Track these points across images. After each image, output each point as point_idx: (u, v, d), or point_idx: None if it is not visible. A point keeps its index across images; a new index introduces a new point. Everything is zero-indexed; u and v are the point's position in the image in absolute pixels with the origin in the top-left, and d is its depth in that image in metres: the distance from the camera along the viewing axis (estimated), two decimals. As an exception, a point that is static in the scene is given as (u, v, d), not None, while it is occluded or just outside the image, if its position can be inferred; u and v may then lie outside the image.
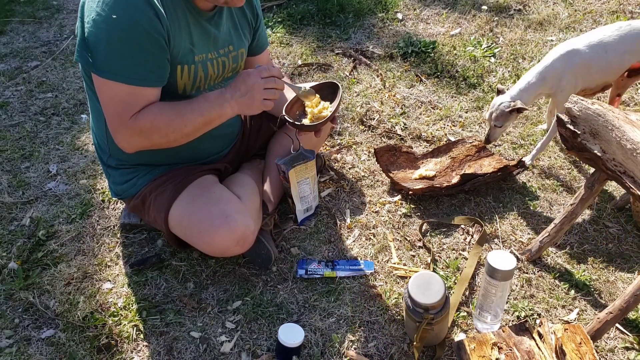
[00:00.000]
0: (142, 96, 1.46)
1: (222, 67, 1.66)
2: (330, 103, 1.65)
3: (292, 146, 1.67)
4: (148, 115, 1.47)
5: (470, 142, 2.19)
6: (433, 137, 2.36)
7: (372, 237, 1.90)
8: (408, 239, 1.89)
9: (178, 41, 1.49)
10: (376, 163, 2.15)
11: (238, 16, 1.69)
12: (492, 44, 2.94)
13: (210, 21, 1.58)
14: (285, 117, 1.61)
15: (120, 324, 1.63)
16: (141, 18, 1.36)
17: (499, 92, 1.98)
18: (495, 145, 2.30)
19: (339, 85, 1.65)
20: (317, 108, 1.63)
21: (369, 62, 2.86)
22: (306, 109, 1.65)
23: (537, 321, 1.47)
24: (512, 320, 1.61)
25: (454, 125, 2.42)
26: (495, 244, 1.86)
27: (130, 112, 1.45)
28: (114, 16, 1.34)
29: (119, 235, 1.93)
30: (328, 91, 1.69)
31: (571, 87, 1.94)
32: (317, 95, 1.66)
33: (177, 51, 1.49)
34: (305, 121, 1.62)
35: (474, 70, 2.74)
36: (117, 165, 1.73)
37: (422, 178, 2.09)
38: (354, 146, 2.32)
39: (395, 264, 1.80)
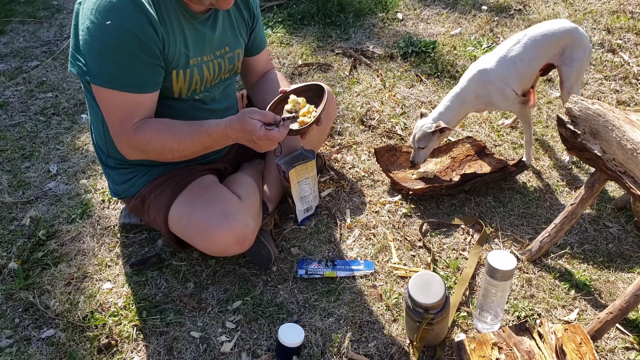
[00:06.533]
0: (138, 103, 1.47)
1: (218, 69, 1.66)
2: (316, 105, 1.60)
3: (274, 149, 1.57)
4: (146, 132, 1.47)
5: (470, 142, 2.19)
6: (433, 137, 2.36)
7: (372, 237, 1.90)
8: (408, 239, 1.89)
9: (173, 46, 1.49)
10: (376, 163, 2.15)
11: (235, 16, 1.69)
12: (492, 44, 2.94)
13: (204, 23, 1.57)
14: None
15: (120, 324, 1.63)
16: (133, 26, 1.37)
17: (422, 115, 2.04)
18: (495, 145, 2.30)
19: (325, 87, 1.62)
20: (302, 111, 1.57)
21: (369, 62, 2.86)
22: (286, 111, 1.59)
23: (537, 321, 1.47)
24: (512, 320, 1.61)
25: (454, 125, 2.42)
26: (495, 244, 1.86)
27: (128, 121, 1.46)
28: (107, 23, 1.35)
29: (119, 235, 1.93)
30: (314, 93, 1.65)
31: (505, 98, 1.99)
32: (303, 99, 1.61)
33: (172, 56, 1.50)
34: (294, 125, 1.56)
35: (474, 70, 2.74)
36: (115, 165, 1.74)
37: (422, 178, 2.09)
38: (354, 146, 2.32)
39: (395, 264, 1.80)
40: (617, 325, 1.56)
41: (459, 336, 1.57)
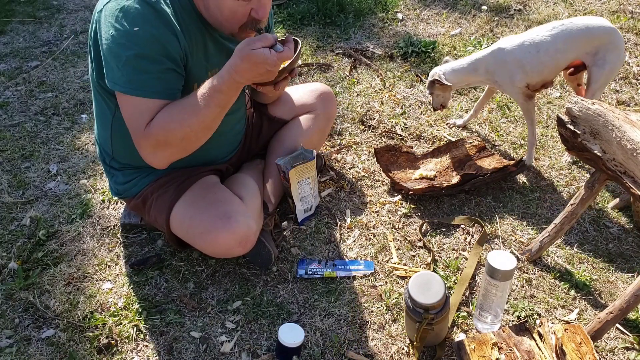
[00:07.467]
0: (160, 109, 1.43)
1: None
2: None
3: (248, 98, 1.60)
4: (158, 122, 1.42)
5: (470, 142, 2.19)
6: (433, 137, 2.36)
7: (372, 237, 1.90)
8: (408, 239, 1.89)
9: (195, 59, 1.49)
10: (376, 163, 2.15)
11: None
12: (492, 44, 2.94)
13: (225, 36, 1.56)
14: None
15: (121, 324, 1.63)
16: (160, 34, 1.37)
17: (444, 62, 2.15)
18: (495, 145, 2.30)
19: (299, 40, 1.59)
20: None
21: (369, 62, 2.86)
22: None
23: (537, 321, 1.47)
24: (512, 320, 1.61)
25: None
26: (495, 244, 1.86)
27: (144, 122, 1.43)
28: (135, 30, 1.34)
29: (119, 235, 1.93)
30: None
31: (511, 83, 1.99)
32: None
33: (192, 69, 1.49)
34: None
35: (474, 70, 2.74)
36: (120, 168, 1.74)
37: (422, 178, 2.09)
38: (354, 146, 2.32)
39: (395, 264, 1.80)
40: (617, 325, 1.56)
41: (459, 336, 1.57)
